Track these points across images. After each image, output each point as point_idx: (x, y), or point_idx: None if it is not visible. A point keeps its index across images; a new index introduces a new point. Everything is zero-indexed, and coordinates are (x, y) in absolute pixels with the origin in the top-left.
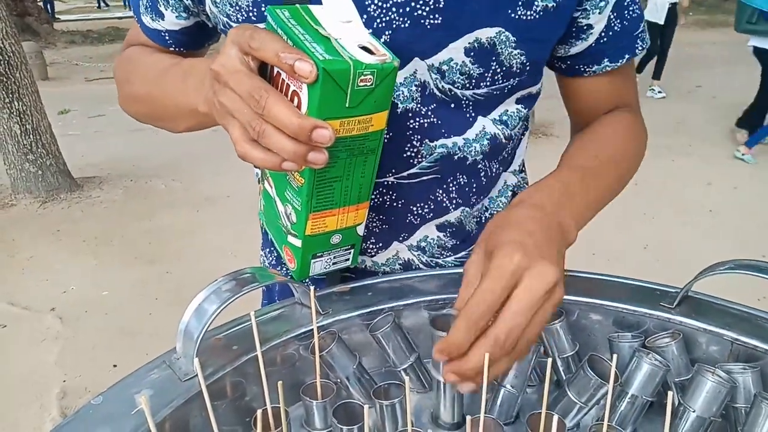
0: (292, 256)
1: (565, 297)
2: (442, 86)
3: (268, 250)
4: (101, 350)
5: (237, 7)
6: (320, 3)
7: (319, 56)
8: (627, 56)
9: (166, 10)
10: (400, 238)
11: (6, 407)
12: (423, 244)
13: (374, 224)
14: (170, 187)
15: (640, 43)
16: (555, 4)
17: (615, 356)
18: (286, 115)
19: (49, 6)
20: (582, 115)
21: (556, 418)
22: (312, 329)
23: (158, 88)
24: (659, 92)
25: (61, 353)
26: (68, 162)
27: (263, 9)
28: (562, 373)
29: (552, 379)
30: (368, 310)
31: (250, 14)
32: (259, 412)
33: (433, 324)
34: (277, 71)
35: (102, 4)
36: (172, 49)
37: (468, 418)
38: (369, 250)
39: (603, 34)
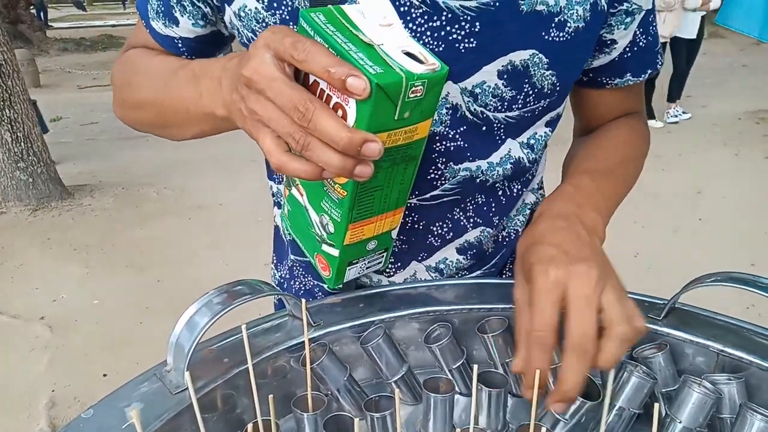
0: (327, 264)
1: None
2: (474, 109)
3: (281, 264)
4: (91, 359)
5: (264, 24)
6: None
7: (369, 69)
8: (649, 71)
9: (182, 16)
10: (419, 258)
11: None
12: (441, 266)
13: (394, 245)
14: (162, 195)
15: (660, 59)
16: (584, 24)
17: (611, 375)
18: (336, 129)
19: (41, 13)
20: (592, 120)
21: (544, 430)
22: (303, 341)
23: (167, 93)
24: (684, 113)
25: (50, 362)
26: (59, 170)
27: (292, 27)
28: (552, 383)
29: (541, 390)
30: (359, 322)
31: None
32: (249, 425)
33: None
34: (314, 79)
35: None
36: (185, 57)
37: (457, 430)
38: (387, 270)
39: (627, 49)
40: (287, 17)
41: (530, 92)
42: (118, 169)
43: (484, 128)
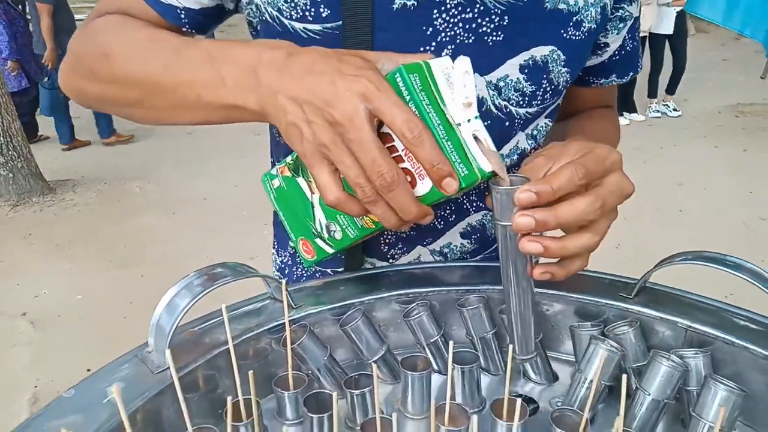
0: (313, 251)
1: None
2: (499, 103)
3: (283, 250)
4: (74, 355)
5: (293, 4)
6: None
7: (459, 169)
8: (631, 73)
9: None
10: (424, 243)
11: None
12: (446, 250)
13: (402, 232)
14: (145, 189)
15: (640, 62)
16: (596, 26)
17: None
18: (409, 206)
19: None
20: (569, 112)
21: (519, 402)
22: (283, 322)
23: (167, 72)
24: (674, 109)
25: (33, 358)
26: (41, 165)
27: (321, 10)
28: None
29: (514, 367)
30: (339, 304)
31: (307, 13)
32: (229, 402)
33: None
34: (389, 132)
35: None
36: (184, 29)
37: (432, 404)
38: (394, 256)
39: (616, 52)
40: None
41: (548, 88)
42: (101, 164)
43: (506, 123)
